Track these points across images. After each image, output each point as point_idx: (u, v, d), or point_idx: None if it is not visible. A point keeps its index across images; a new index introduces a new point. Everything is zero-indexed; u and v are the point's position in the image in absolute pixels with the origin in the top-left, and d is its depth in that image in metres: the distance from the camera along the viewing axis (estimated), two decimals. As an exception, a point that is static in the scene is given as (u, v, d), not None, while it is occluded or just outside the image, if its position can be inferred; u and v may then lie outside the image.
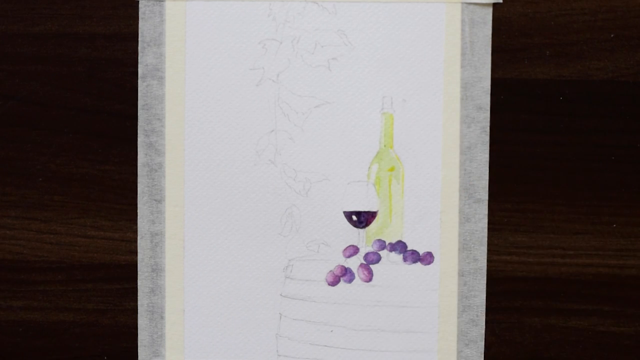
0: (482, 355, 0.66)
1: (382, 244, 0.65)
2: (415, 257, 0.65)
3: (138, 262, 0.66)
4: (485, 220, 0.65)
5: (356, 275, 0.66)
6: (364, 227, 0.65)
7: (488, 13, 0.64)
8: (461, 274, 0.65)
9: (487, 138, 0.65)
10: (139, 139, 0.66)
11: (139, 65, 0.65)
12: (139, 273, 0.66)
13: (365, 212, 0.65)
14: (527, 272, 0.65)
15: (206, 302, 0.66)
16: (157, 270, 0.66)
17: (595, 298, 0.65)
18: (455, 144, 0.65)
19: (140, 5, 0.65)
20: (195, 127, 0.65)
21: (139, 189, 0.66)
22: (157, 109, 0.65)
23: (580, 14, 0.64)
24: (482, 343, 0.65)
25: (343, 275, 0.66)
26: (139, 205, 0.66)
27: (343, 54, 0.65)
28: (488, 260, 0.65)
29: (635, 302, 0.65)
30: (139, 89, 0.65)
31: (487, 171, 0.65)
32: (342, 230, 0.66)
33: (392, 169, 0.65)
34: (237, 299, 0.66)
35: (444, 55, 0.65)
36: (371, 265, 0.65)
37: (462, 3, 0.64)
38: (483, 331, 0.65)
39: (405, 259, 0.65)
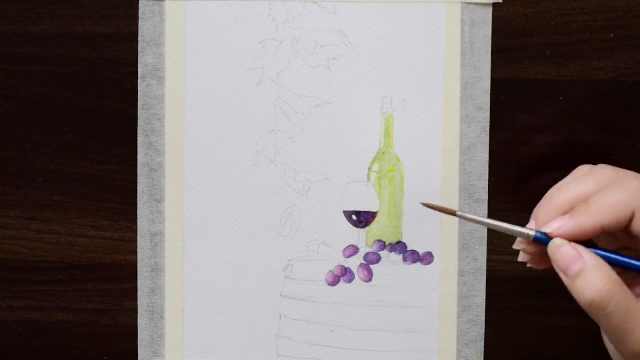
0: (482, 355, 0.66)
1: (382, 245, 0.65)
2: (415, 257, 0.65)
3: (138, 262, 0.66)
4: (485, 220, 0.65)
5: (356, 275, 0.66)
6: (364, 227, 0.65)
7: (488, 13, 0.64)
8: (461, 274, 0.65)
9: (487, 138, 0.65)
10: (139, 139, 0.66)
11: (139, 65, 0.65)
12: (139, 273, 0.66)
13: (365, 212, 0.65)
14: (527, 272, 0.65)
15: (206, 302, 0.66)
16: (157, 270, 0.66)
17: (595, 298, 0.65)
18: (455, 144, 0.65)
19: (140, 5, 0.65)
20: (195, 127, 0.65)
21: (139, 189, 0.66)
22: (157, 109, 0.65)
23: (580, 14, 0.64)
24: (482, 343, 0.65)
25: (343, 275, 0.66)
26: (139, 205, 0.66)
27: (343, 54, 0.65)
28: (488, 260, 0.65)
29: None
30: (139, 89, 0.65)
31: (487, 171, 0.65)
32: (342, 230, 0.66)
33: (392, 169, 0.65)
34: (237, 299, 0.66)
35: (444, 55, 0.65)
36: (371, 266, 0.65)
37: (462, 3, 0.64)
38: (483, 331, 0.65)
39: (405, 259, 0.65)
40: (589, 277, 0.50)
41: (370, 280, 0.66)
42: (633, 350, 0.50)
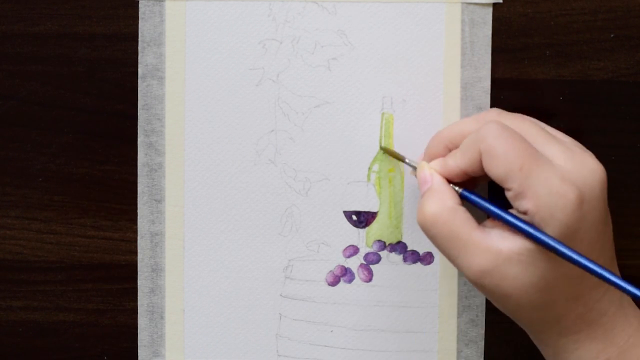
0: (482, 355, 0.66)
1: (382, 245, 0.65)
2: (415, 257, 0.65)
3: (138, 262, 0.66)
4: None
5: (356, 275, 0.66)
6: (364, 227, 0.65)
7: (488, 13, 0.64)
8: (461, 274, 0.65)
9: (487, 138, 0.64)
10: (139, 139, 0.66)
11: (139, 65, 0.65)
12: (139, 273, 0.66)
13: (365, 212, 0.65)
14: (527, 272, 0.65)
15: (206, 302, 0.66)
16: (157, 270, 0.66)
17: (595, 298, 0.65)
18: (455, 144, 0.64)
19: (140, 5, 0.65)
20: (195, 127, 0.65)
21: (139, 189, 0.66)
22: (157, 109, 0.65)
23: (580, 14, 0.64)
24: (482, 343, 0.65)
25: (343, 275, 0.66)
26: (139, 205, 0.66)
27: (343, 54, 0.65)
28: (488, 260, 0.65)
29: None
30: (139, 89, 0.65)
31: (487, 171, 0.65)
32: (342, 230, 0.66)
33: (392, 169, 0.65)
34: (237, 299, 0.66)
35: (444, 55, 0.65)
36: (371, 266, 0.65)
37: (462, 3, 0.64)
38: (483, 331, 0.65)
39: (405, 259, 0.65)
40: (426, 199, 0.53)
41: (370, 280, 0.66)
42: (465, 275, 0.52)
